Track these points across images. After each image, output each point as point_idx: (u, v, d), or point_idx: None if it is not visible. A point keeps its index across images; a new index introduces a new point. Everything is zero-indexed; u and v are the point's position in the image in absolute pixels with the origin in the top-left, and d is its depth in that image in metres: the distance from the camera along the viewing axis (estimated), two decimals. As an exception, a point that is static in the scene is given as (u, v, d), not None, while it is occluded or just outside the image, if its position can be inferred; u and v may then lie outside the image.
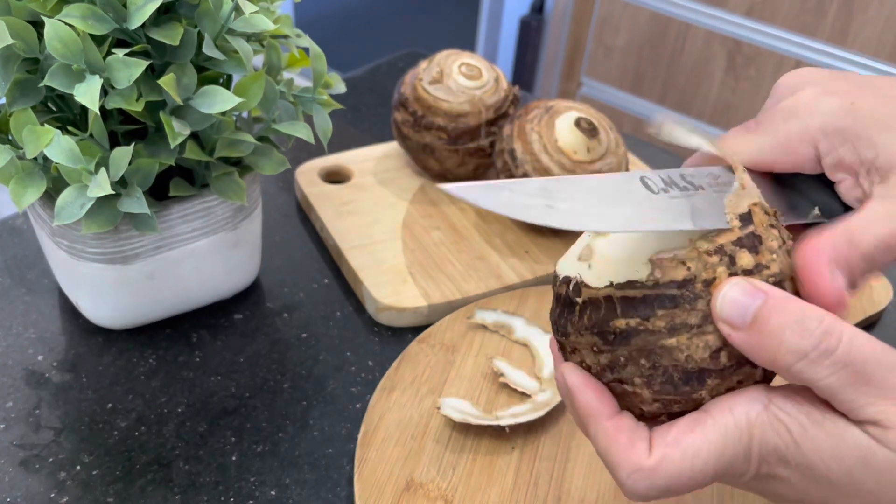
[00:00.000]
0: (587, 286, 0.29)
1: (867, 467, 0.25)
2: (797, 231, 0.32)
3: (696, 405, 0.28)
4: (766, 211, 0.29)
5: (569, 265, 0.31)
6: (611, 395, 0.29)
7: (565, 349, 0.31)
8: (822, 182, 0.32)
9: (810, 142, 0.30)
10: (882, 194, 0.29)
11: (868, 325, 0.58)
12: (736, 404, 0.27)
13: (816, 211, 0.32)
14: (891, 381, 0.24)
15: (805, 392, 0.26)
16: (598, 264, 0.30)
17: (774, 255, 0.28)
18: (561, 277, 0.31)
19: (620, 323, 0.28)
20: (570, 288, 0.30)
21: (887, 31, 1.28)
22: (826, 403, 0.26)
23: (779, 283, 0.27)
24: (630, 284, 0.28)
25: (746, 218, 0.28)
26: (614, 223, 0.27)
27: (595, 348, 0.29)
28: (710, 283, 0.27)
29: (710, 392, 0.28)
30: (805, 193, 0.32)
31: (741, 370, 0.28)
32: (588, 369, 0.29)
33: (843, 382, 0.25)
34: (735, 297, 0.26)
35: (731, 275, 0.27)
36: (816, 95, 0.31)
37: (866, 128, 0.29)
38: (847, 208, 0.31)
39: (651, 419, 0.29)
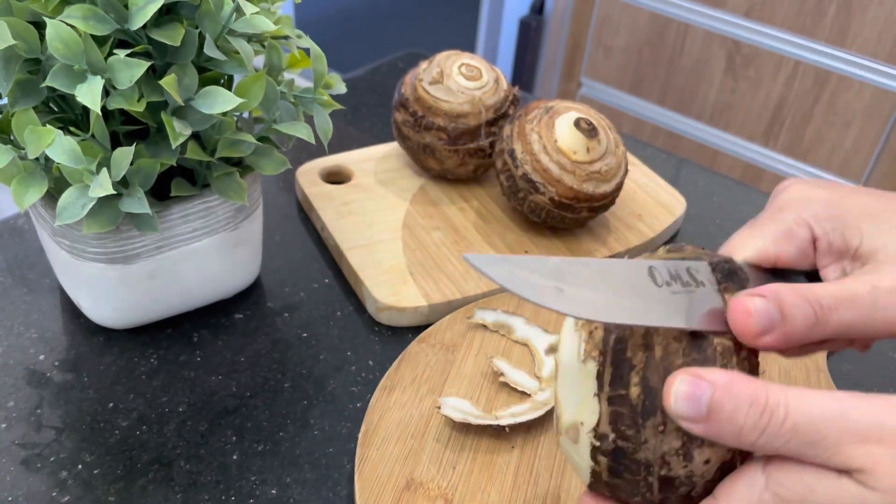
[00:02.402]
0: (595, 432, 0.30)
1: None
2: None
3: None
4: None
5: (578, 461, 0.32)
6: None
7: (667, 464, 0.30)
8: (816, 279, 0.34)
9: (806, 226, 0.34)
10: (855, 275, 0.32)
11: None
12: (736, 489, 0.29)
13: None
14: (839, 428, 0.26)
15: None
16: (581, 439, 0.31)
17: None
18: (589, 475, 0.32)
19: (634, 391, 0.29)
20: (599, 466, 0.30)
21: (886, 31, 1.28)
22: (814, 463, 0.27)
23: None
24: (600, 378, 0.30)
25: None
26: (615, 314, 0.29)
27: (658, 433, 0.29)
28: (596, 347, 0.30)
29: None
30: None
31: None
32: (686, 447, 0.29)
33: (803, 444, 0.27)
34: (685, 393, 0.27)
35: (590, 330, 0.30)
36: (807, 189, 0.35)
37: (854, 217, 0.33)
38: None
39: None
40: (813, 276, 0.35)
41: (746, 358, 0.30)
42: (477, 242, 0.60)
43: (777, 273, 0.35)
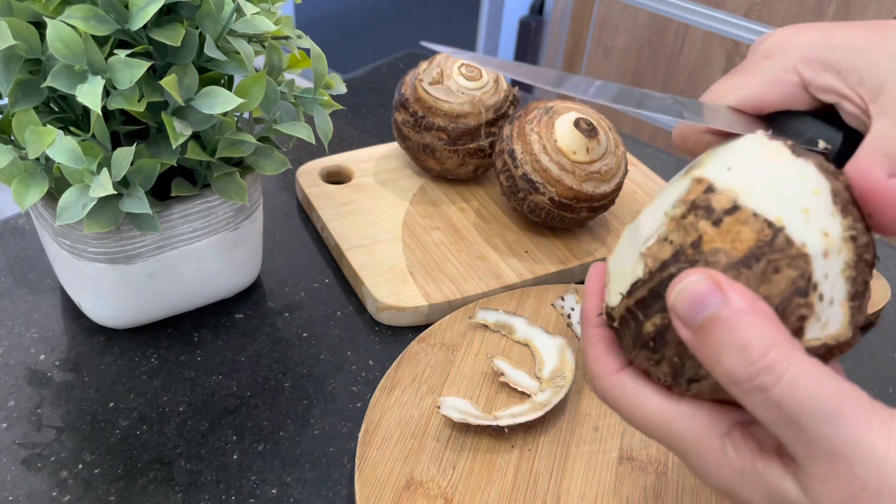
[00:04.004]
0: (611, 309, 0.29)
1: None
2: None
3: None
4: None
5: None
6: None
7: (648, 375, 0.29)
8: (814, 117, 0.32)
9: (793, 71, 0.31)
10: (879, 112, 0.29)
11: (866, 324, 0.58)
12: (699, 413, 0.27)
13: (823, 144, 0.31)
14: (822, 432, 0.24)
15: (763, 432, 0.26)
16: (610, 282, 0.29)
17: None
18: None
19: (649, 327, 0.27)
20: (606, 318, 0.29)
21: (886, 31, 1.28)
22: (776, 451, 0.26)
23: None
24: (634, 287, 0.27)
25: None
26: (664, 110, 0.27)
27: (652, 362, 0.28)
28: (698, 244, 0.26)
29: None
30: (801, 132, 0.32)
31: None
32: (669, 388, 0.28)
33: (776, 421, 0.24)
34: (692, 292, 0.25)
35: (714, 223, 0.26)
36: (792, 33, 0.32)
37: (846, 55, 0.30)
38: (848, 133, 0.31)
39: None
40: (825, 116, 0.32)
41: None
42: (477, 242, 0.60)
43: (772, 121, 0.32)
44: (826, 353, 0.26)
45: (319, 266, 0.59)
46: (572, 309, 0.54)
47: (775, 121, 0.32)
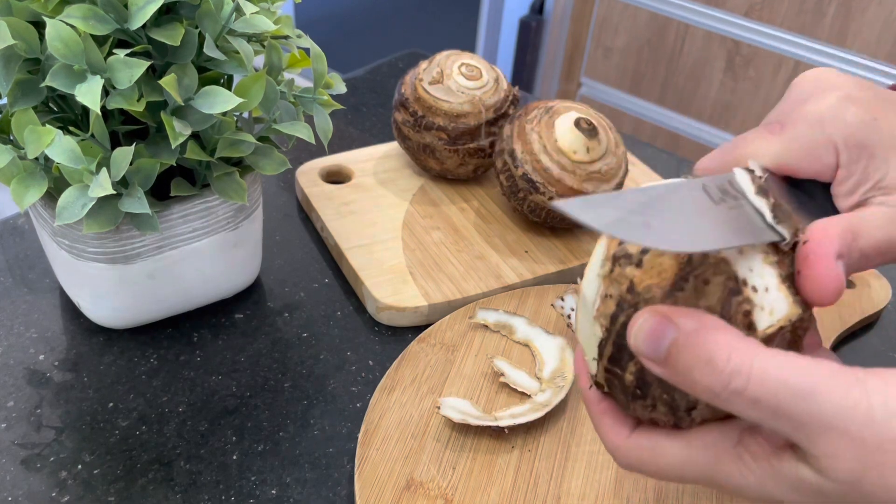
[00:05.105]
0: (594, 376, 0.31)
1: (823, 500, 0.26)
2: None
3: None
4: None
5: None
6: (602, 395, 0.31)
7: (655, 423, 0.30)
8: (825, 187, 0.33)
9: (833, 152, 0.32)
10: (882, 202, 0.30)
11: (867, 325, 0.58)
12: (709, 433, 0.28)
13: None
14: (806, 411, 0.24)
15: (767, 430, 0.27)
16: (585, 354, 0.31)
17: None
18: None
19: (629, 377, 0.29)
20: (597, 387, 0.31)
21: (886, 31, 1.28)
22: (786, 444, 0.26)
23: None
24: (601, 348, 0.29)
25: None
26: (700, 243, 0.27)
27: (648, 409, 0.29)
28: (632, 288, 0.28)
29: None
30: (815, 197, 0.33)
31: None
32: (677, 427, 0.29)
33: (764, 417, 0.25)
34: (648, 331, 0.26)
35: (636, 265, 0.28)
36: (841, 103, 0.32)
37: (883, 147, 0.31)
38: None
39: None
40: (826, 185, 0.33)
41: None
42: (477, 242, 0.60)
43: (794, 181, 0.33)
44: (791, 334, 0.28)
45: (319, 266, 0.59)
46: (572, 309, 0.54)
47: (794, 184, 0.33)
